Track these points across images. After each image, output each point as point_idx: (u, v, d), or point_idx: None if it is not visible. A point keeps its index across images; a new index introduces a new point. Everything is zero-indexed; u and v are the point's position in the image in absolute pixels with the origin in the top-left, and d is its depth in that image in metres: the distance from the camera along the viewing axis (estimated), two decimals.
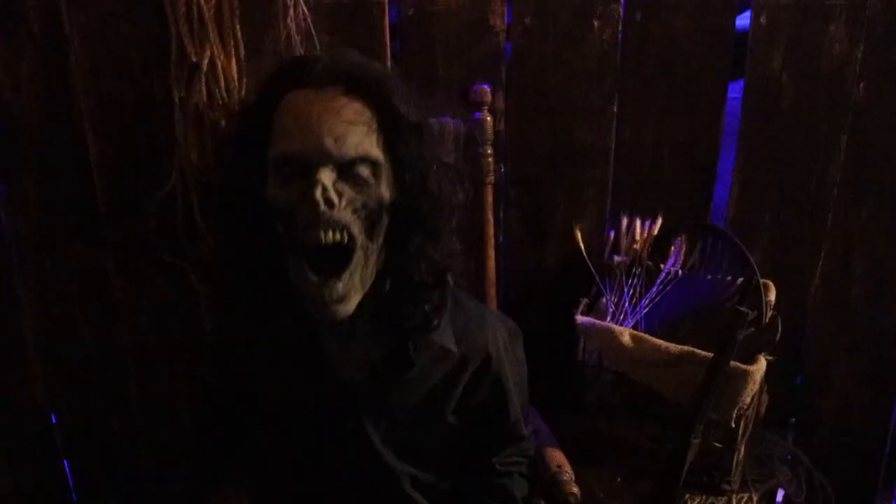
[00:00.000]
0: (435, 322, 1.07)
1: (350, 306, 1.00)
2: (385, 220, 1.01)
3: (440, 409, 1.14)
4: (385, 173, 0.99)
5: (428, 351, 1.09)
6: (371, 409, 1.11)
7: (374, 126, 0.98)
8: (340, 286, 0.98)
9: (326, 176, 0.95)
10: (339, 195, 0.96)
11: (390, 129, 0.99)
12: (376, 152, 0.98)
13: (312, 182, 0.94)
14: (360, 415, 1.11)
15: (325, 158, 0.95)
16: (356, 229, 0.98)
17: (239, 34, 1.38)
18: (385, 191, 1.00)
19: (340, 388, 1.10)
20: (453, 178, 1.07)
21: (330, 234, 0.96)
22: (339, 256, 0.98)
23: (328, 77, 0.98)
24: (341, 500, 1.18)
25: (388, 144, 0.99)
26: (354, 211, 0.98)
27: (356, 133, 0.96)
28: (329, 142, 0.95)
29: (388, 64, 1.48)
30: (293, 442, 1.18)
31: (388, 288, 1.05)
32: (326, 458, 1.15)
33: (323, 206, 0.94)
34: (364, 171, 0.97)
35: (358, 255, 0.99)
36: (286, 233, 0.99)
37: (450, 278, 1.09)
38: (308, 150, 0.95)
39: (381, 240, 1.01)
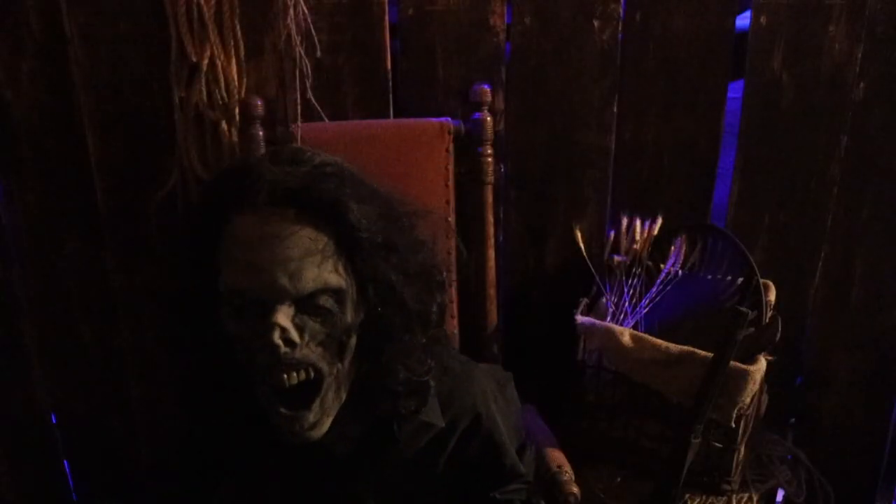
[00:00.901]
0: (419, 412, 1.03)
1: (323, 429, 0.95)
2: (353, 341, 0.94)
3: (431, 466, 1.10)
4: (350, 297, 0.91)
5: (413, 423, 1.04)
6: (360, 477, 1.08)
7: (332, 250, 0.88)
8: (311, 416, 0.93)
9: (283, 315, 0.86)
10: (300, 331, 0.88)
11: (351, 248, 0.90)
12: (337, 280, 0.89)
13: (269, 324, 0.86)
14: (349, 483, 1.08)
15: (282, 296, 0.86)
16: (322, 363, 0.91)
17: (239, 34, 1.37)
18: (351, 315, 0.92)
19: (327, 461, 1.06)
20: (426, 288, 0.98)
21: (294, 375, 0.89)
22: (308, 387, 0.92)
23: (275, 201, 0.87)
24: None
25: (350, 264, 0.90)
26: (319, 343, 0.90)
27: (312, 264, 0.86)
28: (283, 279, 0.85)
29: (388, 64, 1.48)
30: None
31: (364, 385, 0.99)
32: None
33: (283, 349, 0.86)
34: (326, 301, 0.89)
35: (327, 382, 0.93)
36: (248, 365, 0.92)
37: (431, 382, 1.01)
38: (261, 288, 0.86)
39: (350, 358, 0.95)
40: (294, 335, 0.88)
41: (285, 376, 0.89)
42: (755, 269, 1.45)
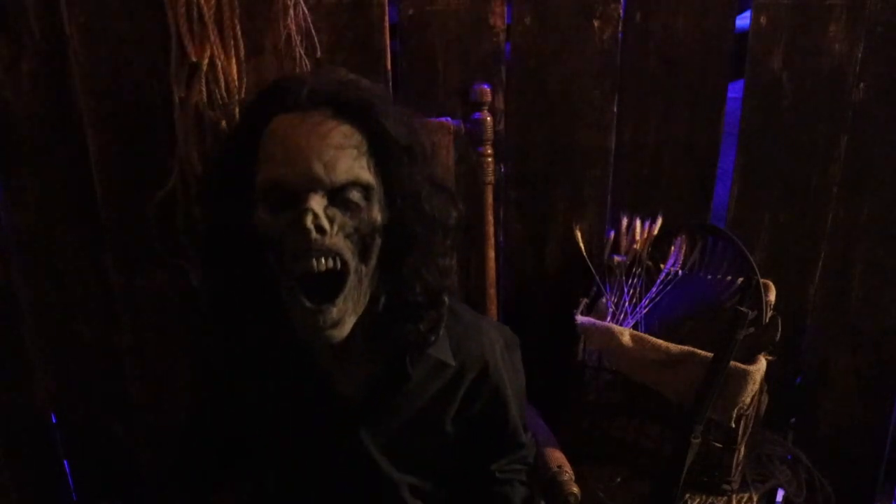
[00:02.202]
0: (431, 339, 1.06)
1: (345, 330, 0.98)
2: (378, 243, 0.99)
3: (438, 419, 1.13)
4: (377, 196, 0.97)
5: (425, 364, 1.09)
6: (369, 423, 1.10)
7: (365, 149, 0.96)
8: (335, 311, 0.96)
9: (317, 202, 0.92)
10: (331, 221, 0.94)
11: (381, 151, 0.97)
12: (367, 176, 0.96)
13: (303, 209, 0.92)
14: (358, 428, 1.10)
15: (315, 184, 0.93)
16: (349, 255, 0.96)
17: (239, 34, 1.37)
18: (377, 214, 0.97)
19: (338, 403, 1.09)
20: (446, 198, 1.05)
21: (322, 261, 0.94)
22: (333, 282, 0.96)
23: (315, 100, 0.95)
24: None
25: (379, 167, 0.97)
26: (347, 236, 0.96)
27: (346, 157, 0.94)
28: (318, 167, 0.92)
29: (388, 64, 1.48)
30: (290, 455, 1.16)
31: (382, 306, 1.04)
32: (324, 469, 1.15)
33: (314, 234, 0.92)
34: (355, 195, 0.95)
35: (351, 280, 0.97)
36: (277, 261, 0.97)
37: (446, 298, 1.07)
38: (297, 176, 0.93)
39: (374, 262, 0.99)
40: (325, 223, 0.93)
41: (314, 261, 0.94)
42: (755, 269, 1.45)
